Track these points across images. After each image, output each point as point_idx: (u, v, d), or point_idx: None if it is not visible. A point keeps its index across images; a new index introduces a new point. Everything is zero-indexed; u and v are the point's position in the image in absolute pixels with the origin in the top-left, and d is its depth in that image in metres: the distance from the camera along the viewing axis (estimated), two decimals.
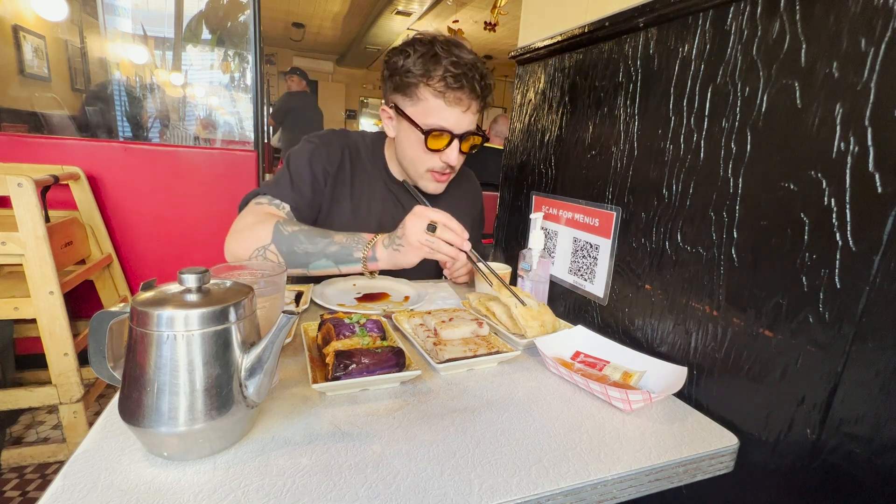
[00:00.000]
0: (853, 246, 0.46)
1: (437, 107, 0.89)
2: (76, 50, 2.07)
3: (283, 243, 0.84)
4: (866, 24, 0.44)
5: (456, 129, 0.91)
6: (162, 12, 2.06)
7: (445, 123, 0.90)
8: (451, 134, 0.91)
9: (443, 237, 0.78)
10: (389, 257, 0.82)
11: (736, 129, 0.57)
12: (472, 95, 0.90)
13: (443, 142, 0.92)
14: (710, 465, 0.53)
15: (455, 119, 0.90)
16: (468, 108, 0.90)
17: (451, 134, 0.91)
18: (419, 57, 0.87)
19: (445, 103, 0.89)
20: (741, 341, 0.57)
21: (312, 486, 0.42)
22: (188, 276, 0.44)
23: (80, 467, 0.43)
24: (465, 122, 0.92)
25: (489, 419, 0.55)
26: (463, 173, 1.19)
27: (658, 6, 0.66)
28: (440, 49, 0.87)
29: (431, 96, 0.89)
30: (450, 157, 0.94)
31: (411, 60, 0.88)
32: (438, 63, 0.86)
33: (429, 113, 0.90)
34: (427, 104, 0.90)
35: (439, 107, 0.89)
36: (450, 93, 0.87)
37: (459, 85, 0.87)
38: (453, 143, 0.93)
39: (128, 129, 2.04)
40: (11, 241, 1.23)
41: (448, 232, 0.78)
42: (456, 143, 0.93)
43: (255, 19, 2.00)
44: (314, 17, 5.76)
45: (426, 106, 0.90)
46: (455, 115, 0.90)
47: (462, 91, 0.88)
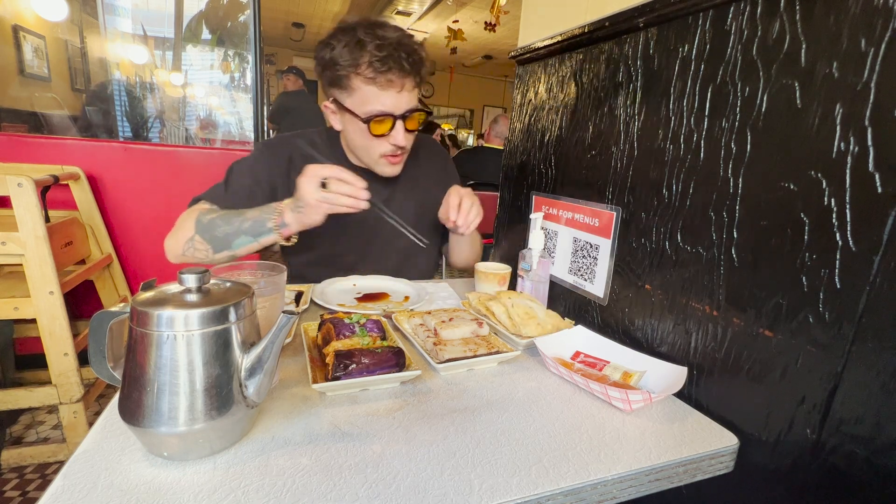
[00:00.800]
0: (853, 246, 0.46)
1: (372, 93, 0.89)
2: (76, 50, 2.07)
3: (204, 231, 0.87)
4: (866, 24, 0.44)
5: (395, 110, 0.91)
6: (162, 12, 2.06)
7: (383, 107, 0.90)
8: (392, 116, 0.92)
9: (338, 191, 0.80)
10: (297, 220, 0.83)
11: (736, 129, 0.57)
12: (403, 74, 0.89)
13: (386, 126, 0.93)
14: (710, 465, 0.53)
15: (392, 101, 0.90)
16: (402, 87, 0.90)
17: (392, 116, 0.92)
18: (344, 46, 0.87)
19: (378, 88, 0.88)
20: (741, 341, 0.57)
21: (312, 486, 0.42)
22: (188, 276, 0.44)
23: (80, 467, 0.43)
24: (403, 102, 0.92)
25: (489, 419, 0.55)
26: (424, 143, 1.19)
27: (658, 6, 0.66)
28: (363, 34, 0.87)
29: (364, 84, 0.88)
30: (396, 139, 0.94)
31: (337, 52, 0.87)
32: (363, 49, 0.86)
33: (365, 101, 0.90)
34: (362, 93, 0.90)
35: (373, 93, 0.89)
36: (380, 77, 0.87)
37: (387, 67, 0.86)
38: (397, 125, 0.93)
39: (128, 129, 2.04)
40: (11, 241, 1.23)
41: (342, 185, 0.80)
42: (399, 124, 0.93)
43: (255, 19, 2.00)
44: (314, 17, 5.76)
45: (361, 95, 0.90)
46: (391, 97, 0.90)
47: (391, 72, 0.87)
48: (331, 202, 0.80)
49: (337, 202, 0.80)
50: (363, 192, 0.81)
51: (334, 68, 0.89)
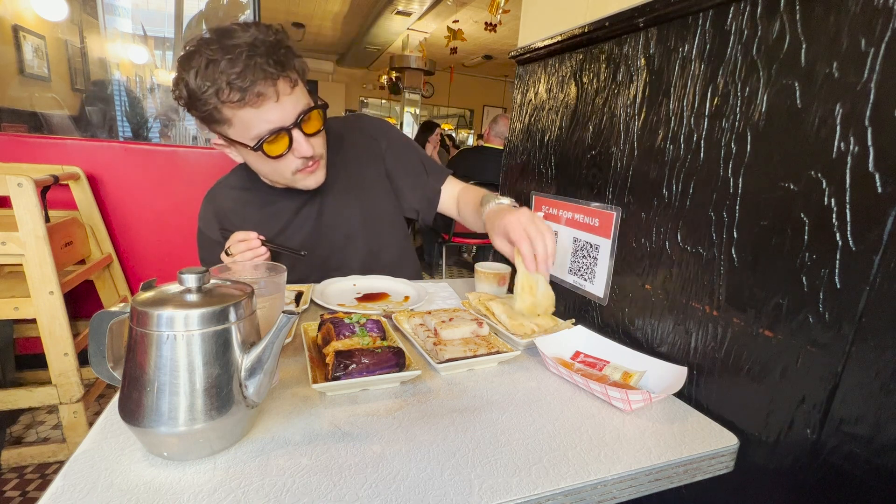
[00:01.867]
0: (853, 246, 0.46)
1: (249, 116, 0.77)
2: (76, 50, 2.07)
3: None
4: (866, 24, 0.44)
5: (283, 122, 0.80)
6: (162, 12, 2.06)
7: (270, 125, 0.79)
8: (284, 129, 0.80)
9: (237, 250, 0.86)
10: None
11: (736, 129, 0.57)
12: (271, 80, 0.75)
13: (282, 143, 0.82)
14: (710, 465, 0.53)
15: (275, 115, 0.78)
16: (275, 93, 0.77)
17: (284, 129, 0.80)
18: (196, 75, 0.74)
19: (253, 108, 0.76)
20: (741, 341, 0.57)
21: (312, 486, 0.42)
22: (188, 276, 0.44)
23: (80, 467, 0.43)
24: (286, 109, 0.79)
25: (489, 419, 0.55)
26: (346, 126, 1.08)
27: (658, 6, 0.66)
28: (210, 52, 0.73)
29: (236, 110, 0.77)
30: (302, 151, 0.84)
31: (192, 83, 0.74)
32: (216, 69, 0.73)
33: (247, 126, 0.79)
34: (239, 119, 0.78)
35: (250, 115, 0.77)
36: (248, 95, 0.74)
37: (249, 82, 0.73)
38: (294, 136, 0.82)
39: (128, 129, 2.04)
40: (11, 241, 1.23)
41: (239, 245, 0.86)
42: (297, 134, 0.82)
43: (255, 19, 2.00)
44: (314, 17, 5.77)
45: (239, 121, 0.78)
46: (270, 111, 0.78)
47: (257, 86, 0.74)
48: (238, 259, 0.85)
49: (241, 260, 0.85)
50: (255, 242, 0.86)
51: (198, 103, 0.76)
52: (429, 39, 6.58)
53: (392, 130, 1.13)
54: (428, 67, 7.15)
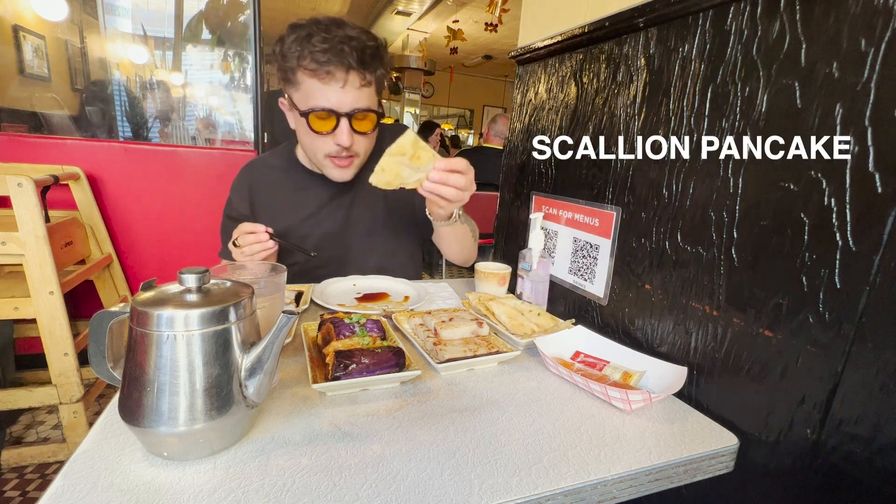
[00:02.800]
0: (853, 246, 0.46)
1: (314, 87, 0.85)
2: (76, 50, 2.06)
3: None
4: (866, 24, 0.44)
5: (339, 107, 0.86)
6: (162, 12, 2.06)
7: (326, 103, 0.86)
8: (336, 113, 0.87)
9: (245, 242, 0.86)
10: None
11: (736, 129, 0.57)
12: (345, 68, 0.84)
13: (328, 123, 0.88)
14: (710, 465, 0.53)
15: (335, 97, 0.86)
16: (345, 82, 0.85)
17: (336, 113, 0.87)
18: (293, 40, 0.84)
19: (320, 82, 0.85)
20: (741, 341, 0.57)
21: (312, 486, 0.42)
22: (188, 276, 0.44)
23: (80, 467, 0.43)
24: (348, 99, 0.86)
25: (489, 419, 0.55)
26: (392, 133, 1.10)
27: (658, 6, 0.66)
28: (314, 28, 0.84)
29: (307, 77, 0.85)
30: (340, 139, 0.89)
31: (287, 45, 0.85)
32: (309, 41, 0.83)
33: (308, 96, 0.87)
34: (305, 86, 0.86)
35: (315, 87, 0.85)
36: (321, 69, 0.83)
37: (327, 59, 0.82)
38: (341, 123, 0.88)
39: (128, 129, 2.04)
40: (11, 241, 1.23)
41: (247, 236, 0.86)
42: (344, 124, 0.88)
43: (255, 19, 2.00)
44: None
45: (305, 89, 0.87)
46: (333, 92, 0.85)
47: (331, 65, 0.83)
48: (247, 254, 0.86)
49: (249, 252, 0.86)
50: (264, 235, 0.86)
51: (283, 61, 0.86)
52: (429, 39, 6.58)
53: None
54: (428, 67, 7.15)
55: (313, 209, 1.06)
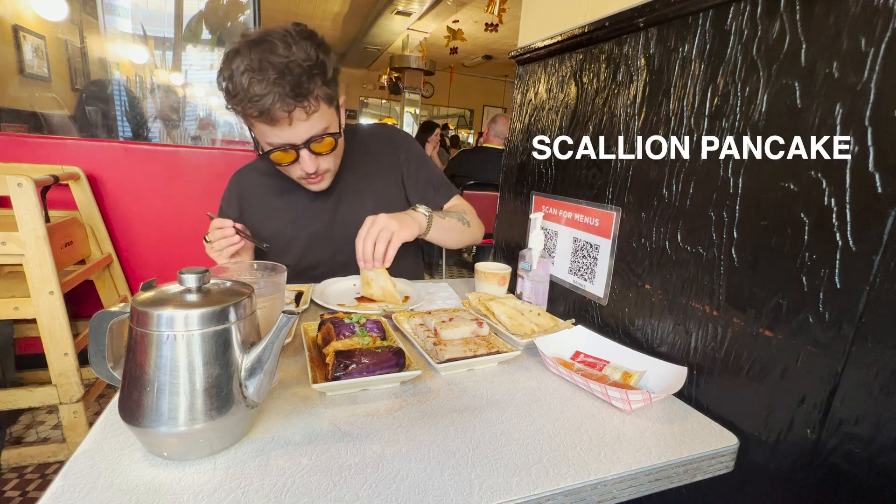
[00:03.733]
0: (853, 246, 0.46)
1: (264, 130, 0.84)
2: (76, 50, 2.06)
3: None
4: (866, 24, 0.44)
5: (294, 140, 0.86)
6: (162, 12, 2.06)
7: (281, 140, 0.85)
8: (293, 146, 0.86)
9: (213, 238, 0.89)
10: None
11: (736, 129, 0.57)
12: (288, 108, 0.80)
13: (289, 156, 0.89)
14: (710, 465, 0.53)
15: (287, 135, 0.84)
16: (291, 120, 0.82)
17: (293, 146, 0.86)
18: (229, 80, 0.80)
19: (267, 125, 0.83)
20: (741, 341, 0.57)
21: (312, 486, 0.42)
22: (188, 276, 0.44)
23: (80, 467, 0.43)
24: (299, 131, 0.85)
25: (489, 419, 0.55)
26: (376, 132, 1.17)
27: (658, 6, 0.66)
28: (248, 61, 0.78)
29: (254, 121, 0.83)
30: (305, 167, 0.90)
31: (228, 83, 0.81)
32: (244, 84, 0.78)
33: (262, 135, 0.86)
34: (257, 128, 0.86)
35: (264, 129, 0.84)
36: (264, 115, 0.80)
37: (268, 106, 0.78)
38: (301, 154, 0.88)
39: (128, 129, 2.04)
40: (11, 241, 1.23)
41: (215, 231, 0.89)
42: (304, 154, 0.88)
43: (255, 19, 2.00)
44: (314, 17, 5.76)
45: (258, 130, 0.86)
46: (283, 131, 0.84)
47: (272, 110, 0.79)
48: (216, 249, 0.90)
49: (218, 248, 0.89)
50: (229, 230, 0.89)
51: (230, 102, 0.83)
52: (429, 39, 6.58)
53: (413, 144, 1.19)
54: (428, 67, 7.15)
55: (298, 212, 1.07)
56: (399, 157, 1.14)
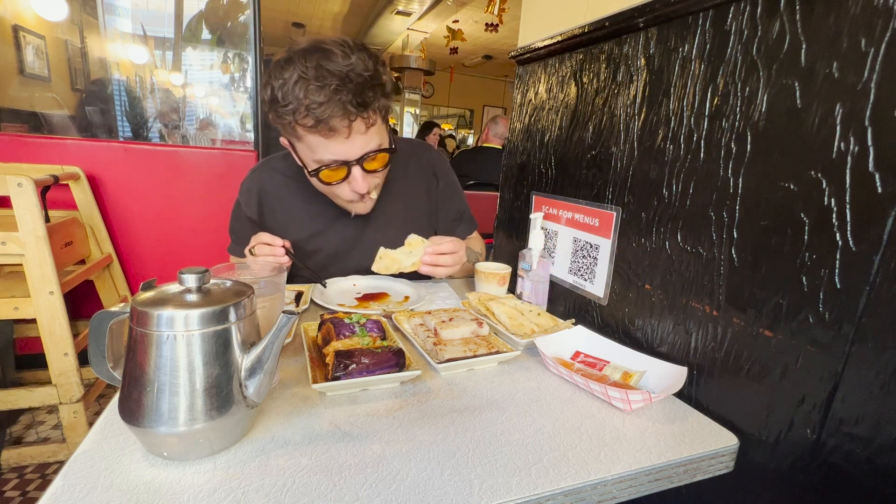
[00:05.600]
0: (853, 246, 0.46)
1: (317, 142, 0.79)
2: (76, 50, 2.06)
3: None
4: (866, 24, 0.44)
5: (347, 156, 0.81)
6: (162, 12, 2.05)
7: (333, 156, 0.80)
8: (346, 163, 0.82)
9: (261, 253, 0.87)
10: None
11: (736, 129, 0.57)
12: (347, 117, 0.76)
13: (340, 173, 0.83)
14: (710, 465, 0.53)
15: (340, 148, 0.79)
16: (349, 131, 0.77)
17: (346, 163, 0.82)
18: (282, 86, 0.75)
19: (322, 137, 0.78)
20: (741, 341, 0.57)
21: (312, 486, 0.42)
22: (188, 276, 0.44)
23: (80, 467, 0.43)
24: (354, 147, 0.80)
25: (489, 419, 0.55)
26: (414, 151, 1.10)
27: (658, 6, 0.66)
28: (303, 68, 0.74)
29: (306, 133, 0.78)
30: (356, 186, 0.85)
31: (277, 92, 0.76)
32: (302, 90, 0.74)
33: (313, 148, 0.81)
34: (308, 140, 0.80)
35: (318, 141, 0.79)
36: (321, 125, 0.75)
37: (327, 115, 0.74)
38: (353, 172, 0.83)
39: (127, 129, 2.04)
40: (11, 241, 1.23)
41: (263, 248, 0.87)
42: (357, 172, 0.83)
43: (255, 19, 2.00)
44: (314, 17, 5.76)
45: (308, 142, 0.80)
46: (337, 144, 0.79)
47: (331, 119, 0.75)
48: (258, 260, 0.86)
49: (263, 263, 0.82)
50: (280, 250, 0.86)
51: (276, 115, 0.78)
52: (429, 39, 6.58)
53: (450, 173, 1.16)
54: (428, 67, 7.14)
55: (322, 226, 1.02)
56: (437, 185, 1.11)
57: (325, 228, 1.02)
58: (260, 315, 0.52)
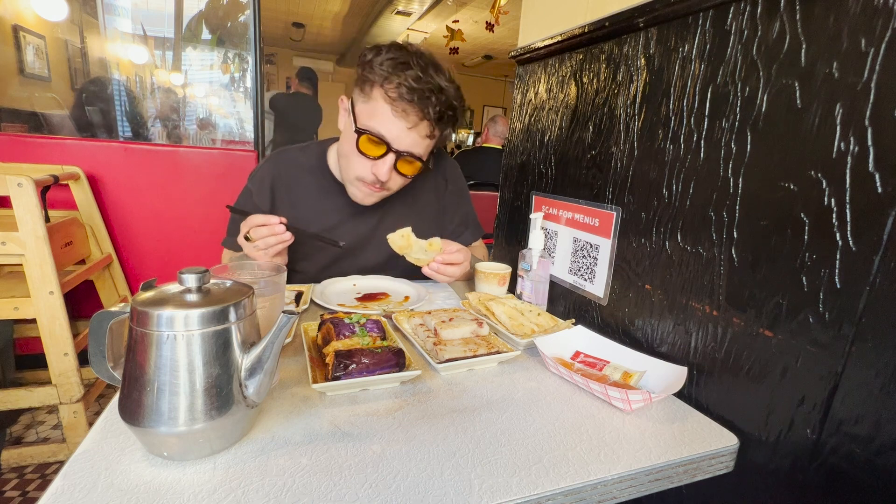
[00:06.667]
0: (853, 246, 0.46)
1: (383, 112, 0.84)
2: (76, 50, 2.06)
3: None
4: (866, 24, 0.44)
5: (395, 142, 0.86)
6: (162, 12, 2.05)
7: (385, 132, 0.85)
8: (388, 146, 0.86)
9: (259, 235, 0.82)
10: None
11: (736, 129, 0.57)
12: (422, 115, 0.84)
13: (377, 150, 0.87)
14: (710, 465, 0.53)
15: (397, 131, 0.85)
16: (415, 125, 0.85)
17: (388, 146, 0.86)
18: (390, 59, 0.83)
19: (393, 111, 0.83)
20: (741, 341, 0.57)
21: (312, 486, 0.42)
22: (188, 276, 0.44)
23: (80, 467, 0.43)
24: (407, 139, 0.86)
25: (489, 419, 0.55)
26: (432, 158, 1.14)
27: (658, 6, 0.66)
28: (415, 61, 0.83)
29: (382, 99, 0.84)
30: (379, 170, 0.88)
31: (381, 58, 0.83)
32: (404, 71, 0.82)
33: (373, 114, 0.85)
34: (375, 105, 0.85)
35: (385, 112, 0.84)
36: (400, 102, 0.82)
37: (412, 98, 0.82)
38: (387, 157, 0.87)
39: (127, 129, 2.04)
40: (11, 241, 1.23)
41: (259, 229, 0.82)
42: (390, 158, 0.87)
43: (255, 19, 2.00)
44: (314, 17, 5.76)
45: (374, 107, 0.85)
46: (398, 127, 0.84)
47: (412, 105, 0.82)
48: (261, 248, 0.83)
49: (264, 246, 0.83)
50: (279, 227, 0.83)
51: (369, 69, 0.84)
52: (429, 39, 6.58)
53: (460, 178, 1.20)
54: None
55: (336, 221, 1.03)
56: (445, 188, 1.14)
57: (336, 224, 1.03)
58: (260, 315, 0.52)
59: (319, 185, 1.02)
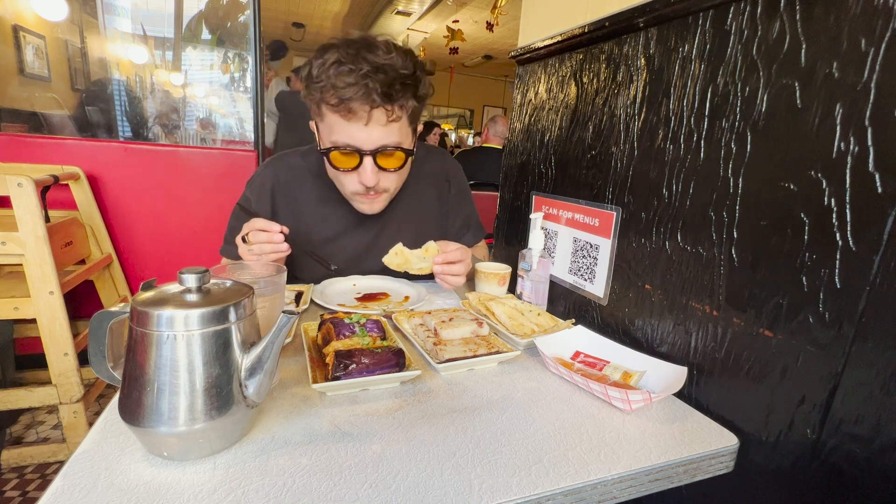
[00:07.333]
0: (853, 246, 0.46)
1: (336, 122, 0.80)
2: (76, 50, 2.06)
3: None
4: (866, 24, 0.44)
5: (362, 144, 0.81)
6: (162, 12, 2.05)
7: (348, 139, 0.81)
8: (359, 151, 0.82)
9: (256, 240, 0.80)
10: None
11: (736, 130, 0.57)
12: (369, 104, 0.77)
13: (351, 161, 0.83)
14: (710, 465, 0.53)
15: (357, 134, 0.80)
16: (368, 119, 0.79)
17: (359, 151, 0.82)
18: (319, 67, 0.78)
19: (342, 118, 0.79)
20: (741, 341, 0.57)
21: (312, 486, 0.42)
22: (188, 276, 0.44)
23: (80, 467, 0.43)
24: (372, 136, 0.80)
25: (489, 419, 0.55)
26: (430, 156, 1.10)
27: (658, 6, 0.66)
28: (343, 53, 0.77)
29: (329, 112, 0.80)
30: (364, 177, 0.85)
31: (313, 71, 0.78)
32: (335, 71, 0.76)
33: (331, 130, 0.81)
34: (329, 121, 0.81)
35: (337, 122, 0.80)
36: (342, 106, 0.77)
37: (351, 95, 0.76)
38: (364, 162, 0.83)
39: (127, 129, 2.04)
40: (11, 241, 1.23)
41: (258, 234, 0.80)
42: (368, 161, 0.83)
43: (255, 19, 1.99)
44: (314, 17, 5.76)
45: (328, 123, 0.81)
46: (355, 129, 0.80)
47: (355, 101, 0.76)
48: (255, 253, 0.80)
49: (259, 252, 0.80)
50: (278, 236, 0.80)
51: (307, 91, 0.81)
52: (429, 39, 6.58)
53: (463, 179, 1.17)
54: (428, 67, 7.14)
55: (339, 230, 1.00)
56: (449, 190, 1.12)
57: (340, 233, 1.00)
58: (260, 315, 0.52)
59: (320, 190, 1.00)
